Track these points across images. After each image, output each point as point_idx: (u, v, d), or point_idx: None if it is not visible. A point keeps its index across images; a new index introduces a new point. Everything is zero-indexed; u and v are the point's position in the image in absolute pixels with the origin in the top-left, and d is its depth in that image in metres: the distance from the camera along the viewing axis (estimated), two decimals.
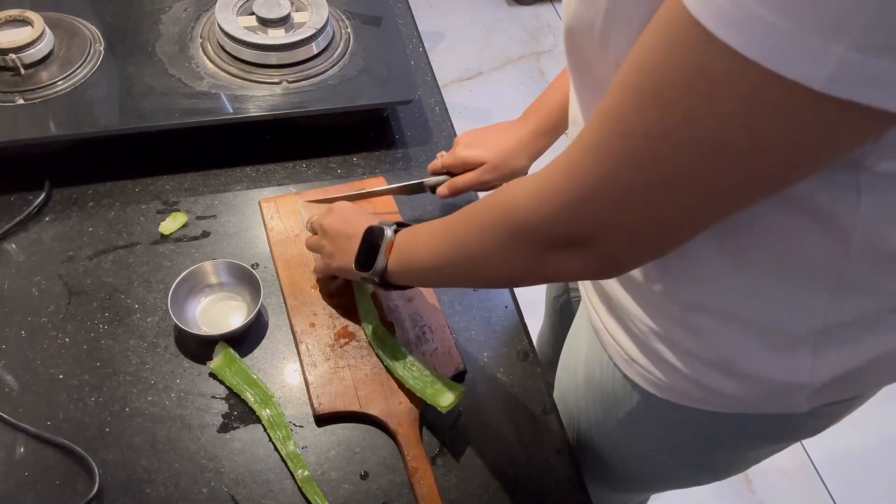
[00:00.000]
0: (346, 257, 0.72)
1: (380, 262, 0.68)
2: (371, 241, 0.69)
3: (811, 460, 1.65)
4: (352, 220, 0.74)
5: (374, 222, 0.71)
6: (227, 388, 0.76)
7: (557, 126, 0.82)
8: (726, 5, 0.33)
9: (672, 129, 0.38)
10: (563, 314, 1.04)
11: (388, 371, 0.76)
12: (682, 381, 0.62)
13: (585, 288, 0.72)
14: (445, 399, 0.71)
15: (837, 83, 0.32)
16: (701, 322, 0.57)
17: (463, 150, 0.85)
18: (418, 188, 0.89)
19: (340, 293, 0.83)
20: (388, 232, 0.68)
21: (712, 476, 0.78)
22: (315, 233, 0.80)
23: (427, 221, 0.66)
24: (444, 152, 0.89)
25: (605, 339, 0.68)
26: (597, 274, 0.54)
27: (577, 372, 0.78)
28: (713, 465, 0.75)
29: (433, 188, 0.88)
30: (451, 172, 0.87)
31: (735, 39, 0.33)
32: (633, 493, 0.96)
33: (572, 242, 0.48)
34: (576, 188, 0.45)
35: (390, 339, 0.78)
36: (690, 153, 0.38)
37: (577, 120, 0.60)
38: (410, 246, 0.66)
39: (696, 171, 0.39)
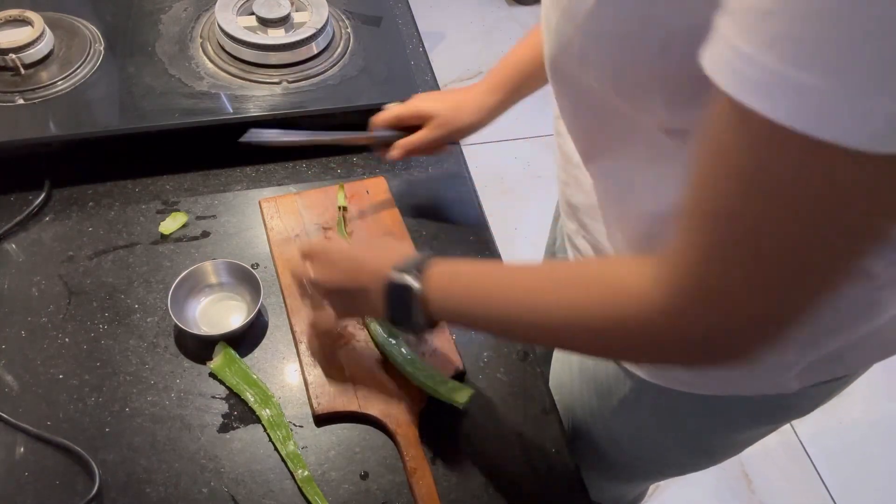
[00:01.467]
0: (367, 311, 0.67)
1: (419, 320, 0.59)
2: (399, 300, 0.60)
3: (811, 460, 1.65)
4: (351, 272, 0.65)
5: (381, 264, 0.61)
6: (227, 388, 0.76)
7: (512, 83, 0.82)
8: (754, 72, 0.31)
9: (787, 219, 0.36)
10: None
11: (399, 370, 0.76)
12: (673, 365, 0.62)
13: None
14: (462, 395, 0.71)
15: (887, 140, 0.31)
16: None
17: (416, 100, 0.84)
18: (368, 143, 0.88)
19: None
20: (415, 285, 0.58)
21: (708, 460, 0.79)
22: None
23: (471, 262, 0.60)
24: (395, 104, 0.87)
25: None
26: (712, 365, 0.52)
27: (570, 361, 0.78)
28: (708, 449, 0.76)
29: (386, 145, 0.85)
30: (401, 130, 0.85)
31: (769, 106, 0.32)
32: (631, 482, 0.96)
33: (692, 341, 0.45)
34: (706, 295, 0.42)
35: (399, 339, 0.78)
36: (810, 239, 0.36)
37: (562, 132, 0.61)
38: (458, 296, 0.58)
39: (818, 252, 0.37)
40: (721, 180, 0.37)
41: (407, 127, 0.84)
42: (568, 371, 0.80)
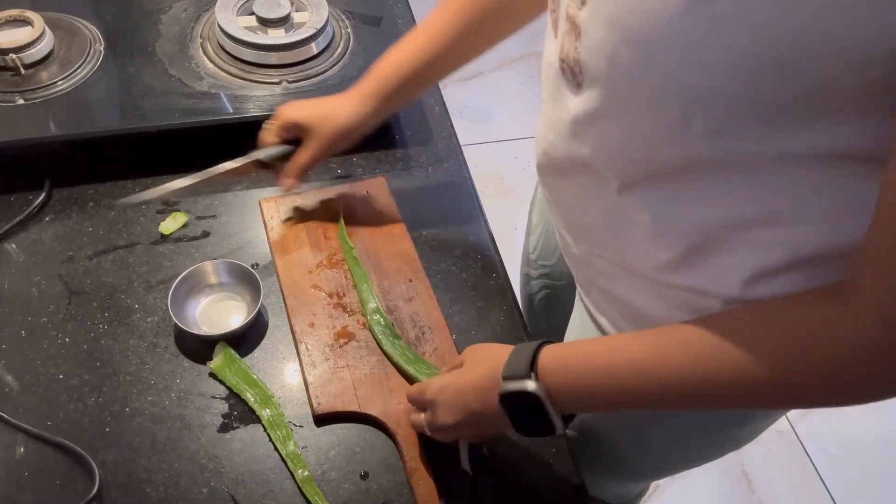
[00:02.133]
0: (493, 432, 0.66)
1: (558, 425, 0.56)
2: (522, 410, 0.56)
3: (811, 460, 1.65)
4: (458, 405, 0.62)
5: (487, 383, 0.57)
6: (227, 388, 0.76)
7: (385, 88, 0.79)
8: None
9: None
10: (541, 305, 1.03)
11: (399, 370, 0.76)
12: None
13: (584, 289, 0.72)
14: None
15: None
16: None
17: (286, 110, 0.82)
18: (262, 165, 0.84)
19: (340, 293, 0.83)
20: (537, 388, 0.54)
21: (734, 445, 0.78)
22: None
23: (588, 342, 0.57)
24: (270, 123, 0.84)
25: None
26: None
27: None
28: (738, 437, 0.75)
29: (278, 160, 0.84)
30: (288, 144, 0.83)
31: None
32: (642, 481, 0.95)
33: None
34: None
35: (399, 337, 0.78)
36: None
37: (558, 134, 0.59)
38: (584, 384, 0.55)
39: None
40: None
41: (292, 139, 0.83)
42: None
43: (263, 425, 0.73)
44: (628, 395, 0.53)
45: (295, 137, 0.83)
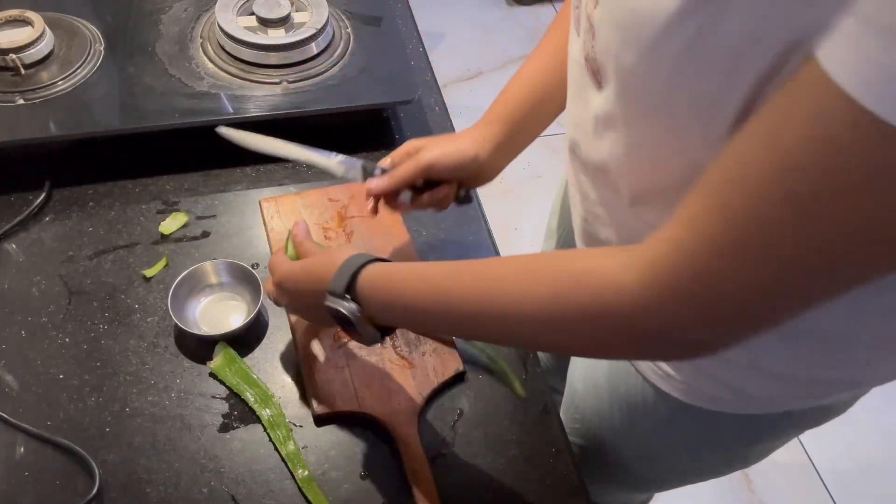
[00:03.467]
0: (327, 325, 0.69)
1: (368, 334, 0.60)
2: (343, 321, 0.60)
3: (811, 460, 1.65)
4: (297, 295, 0.66)
5: (319, 287, 0.60)
6: (227, 388, 0.76)
7: (510, 116, 0.74)
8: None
9: (831, 231, 0.35)
10: None
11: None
12: (723, 390, 0.61)
13: None
14: None
15: None
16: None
17: (423, 154, 0.72)
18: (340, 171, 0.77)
19: None
20: (347, 308, 0.58)
21: (742, 464, 0.77)
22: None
23: (403, 264, 0.59)
24: (386, 163, 0.75)
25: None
26: (683, 359, 0.50)
27: (596, 383, 0.77)
28: (746, 456, 0.75)
29: (367, 173, 0.75)
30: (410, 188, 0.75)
31: None
32: (651, 491, 0.95)
33: (675, 335, 0.44)
34: (701, 293, 0.41)
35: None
36: (848, 254, 0.36)
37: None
38: (393, 302, 0.58)
39: (845, 268, 0.37)
40: (833, 200, 0.34)
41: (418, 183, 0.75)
42: (594, 393, 0.77)
43: (263, 425, 0.73)
44: (426, 316, 0.56)
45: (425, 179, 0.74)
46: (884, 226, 0.34)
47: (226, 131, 0.80)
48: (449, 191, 0.74)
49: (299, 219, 0.75)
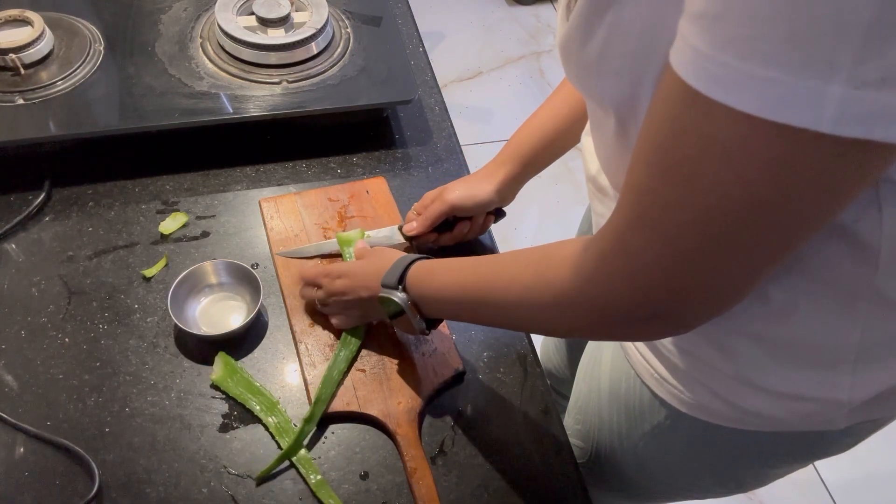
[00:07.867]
0: (375, 316, 0.76)
1: (420, 327, 0.68)
2: (395, 312, 0.68)
3: (815, 468, 1.65)
4: (351, 290, 0.74)
5: (373, 279, 0.70)
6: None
7: (524, 156, 0.82)
8: (717, 70, 0.34)
9: (705, 197, 0.39)
10: None
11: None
12: (715, 401, 0.61)
13: None
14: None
15: (843, 123, 0.32)
16: (737, 345, 0.57)
17: (446, 195, 0.83)
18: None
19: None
20: (399, 296, 0.67)
21: (737, 489, 0.77)
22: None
23: (449, 259, 0.66)
24: (411, 216, 0.86)
25: (634, 358, 0.68)
26: (661, 336, 0.54)
27: (599, 383, 0.77)
28: (740, 481, 0.75)
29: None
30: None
31: (735, 100, 0.34)
32: (649, 502, 0.95)
33: (631, 309, 0.47)
34: (628, 265, 0.45)
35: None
36: (728, 216, 0.39)
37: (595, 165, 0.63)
38: (437, 295, 0.66)
39: (739, 231, 0.39)
40: (683, 163, 0.39)
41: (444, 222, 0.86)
42: (595, 394, 0.78)
43: (271, 433, 0.73)
44: (457, 305, 0.64)
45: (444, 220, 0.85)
46: (743, 193, 0.37)
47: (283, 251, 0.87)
48: (472, 225, 0.86)
49: (360, 241, 0.84)
